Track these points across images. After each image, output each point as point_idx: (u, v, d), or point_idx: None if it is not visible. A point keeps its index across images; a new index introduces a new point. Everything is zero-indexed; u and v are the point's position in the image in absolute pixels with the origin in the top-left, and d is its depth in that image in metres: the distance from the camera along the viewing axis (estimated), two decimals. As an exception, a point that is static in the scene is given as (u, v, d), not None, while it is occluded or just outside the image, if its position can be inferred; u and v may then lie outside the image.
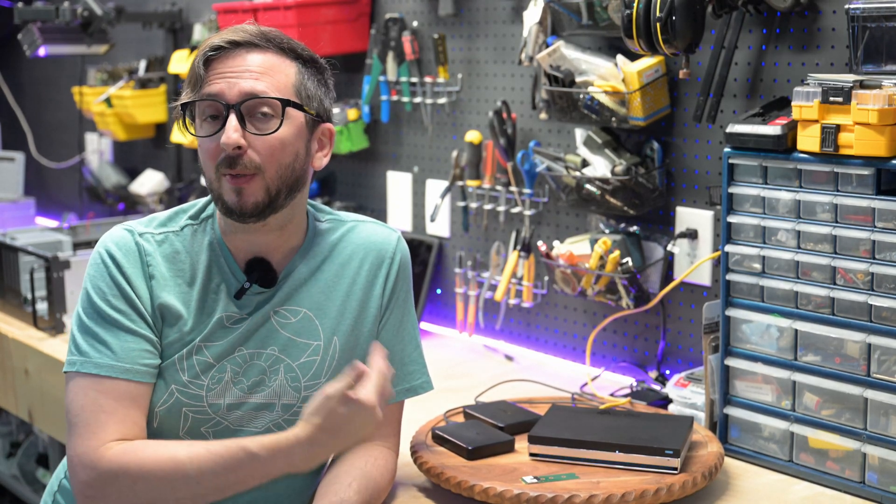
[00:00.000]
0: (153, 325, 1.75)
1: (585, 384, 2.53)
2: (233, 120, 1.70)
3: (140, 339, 1.73)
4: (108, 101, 4.22)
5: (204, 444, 1.68)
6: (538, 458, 1.98)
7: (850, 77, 1.95)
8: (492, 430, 2.10)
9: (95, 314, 1.74)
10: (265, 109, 1.72)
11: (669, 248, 2.51)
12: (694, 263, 2.46)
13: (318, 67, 1.81)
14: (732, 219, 2.11)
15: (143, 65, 4.24)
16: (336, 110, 3.19)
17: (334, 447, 1.69)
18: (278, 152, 1.73)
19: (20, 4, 3.97)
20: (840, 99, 1.92)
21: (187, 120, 1.76)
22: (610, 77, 2.48)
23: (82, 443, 1.68)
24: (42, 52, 3.91)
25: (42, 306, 3.18)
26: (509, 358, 2.91)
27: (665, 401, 2.34)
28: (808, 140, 1.97)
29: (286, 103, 1.73)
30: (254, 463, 1.65)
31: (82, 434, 1.68)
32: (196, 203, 1.87)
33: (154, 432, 1.77)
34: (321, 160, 1.83)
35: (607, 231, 2.62)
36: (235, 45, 1.74)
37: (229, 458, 1.65)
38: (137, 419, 1.71)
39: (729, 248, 2.12)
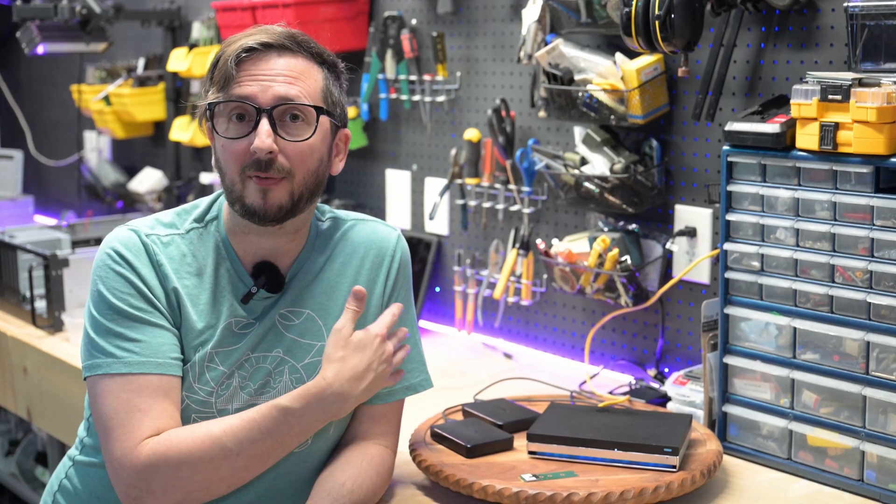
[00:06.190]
0: (170, 317, 1.74)
1: (584, 382, 2.53)
2: (266, 125, 1.69)
3: (165, 332, 1.72)
4: (106, 99, 4.22)
5: (236, 415, 1.69)
6: (537, 456, 1.98)
7: (849, 75, 1.95)
8: (491, 428, 2.10)
9: (115, 314, 1.71)
10: (296, 114, 1.72)
11: (668, 246, 2.51)
12: (693, 261, 2.46)
13: (339, 72, 1.81)
14: (731, 217, 2.11)
15: (141, 63, 4.24)
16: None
17: (358, 386, 1.73)
18: (307, 158, 1.74)
19: (19, 2, 3.96)
20: (839, 97, 1.92)
21: (214, 120, 1.73)
22: (609, 75, 2.48)
23: (119, 445, 1.66)
24: (41, 49, 3.90)
25: (41, 304, 3.17)
26: (508, 356, 2.91)
27: (664, 399, 2.34)
28: (807, 138, 1.97)
29: (320, 111, 1.74)
30: (289, 419, 1.67)
31: (119, 437, 1.66)
32: (198, 203, 1.86)
33: None
34: (338, 165, 1.84)
35: (606, 229, 2.62)
36: (268, 47, 1.73)
37: (263, 421, 1.67)
38: (173, 413, 1.70)
39: (728, 246, 2.12)
